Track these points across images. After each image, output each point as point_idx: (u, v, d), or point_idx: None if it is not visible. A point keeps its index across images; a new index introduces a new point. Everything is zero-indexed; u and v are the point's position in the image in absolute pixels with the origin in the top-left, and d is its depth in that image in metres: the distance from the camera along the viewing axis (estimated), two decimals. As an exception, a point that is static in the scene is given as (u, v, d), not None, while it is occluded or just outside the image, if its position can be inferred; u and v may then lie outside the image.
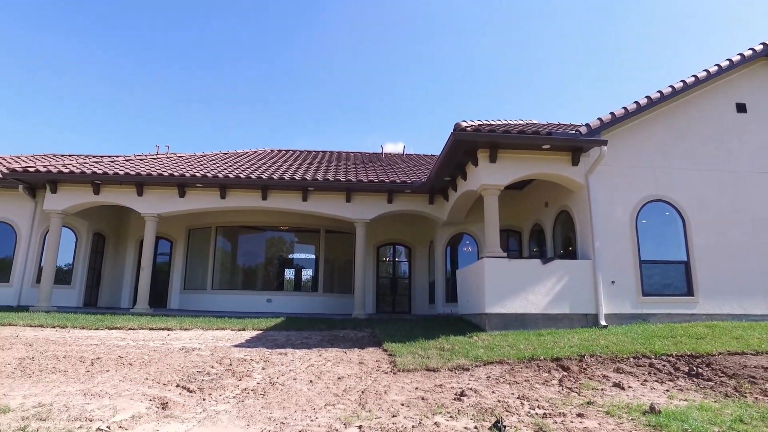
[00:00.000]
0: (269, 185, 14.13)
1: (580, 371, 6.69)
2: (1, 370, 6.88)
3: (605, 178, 10.60)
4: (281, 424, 4.67)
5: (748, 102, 11.53)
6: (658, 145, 11.07)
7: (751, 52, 11.30)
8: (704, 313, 10.16)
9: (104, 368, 7.09)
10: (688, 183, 10.87)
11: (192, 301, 16.81)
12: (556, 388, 6.00)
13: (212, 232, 17.30)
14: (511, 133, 9.83)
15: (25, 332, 9.88)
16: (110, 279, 17.57)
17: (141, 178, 13.95)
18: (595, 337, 8.57)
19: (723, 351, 7.58)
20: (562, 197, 11.74)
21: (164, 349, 8.65)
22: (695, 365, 6.98)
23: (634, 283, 10.23)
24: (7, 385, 6.11)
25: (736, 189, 10.95)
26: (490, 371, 6.75)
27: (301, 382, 6.33)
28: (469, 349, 7.93)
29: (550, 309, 9.78)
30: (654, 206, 10.74)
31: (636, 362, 7.17)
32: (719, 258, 10.53)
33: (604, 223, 10.39)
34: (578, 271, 10.11)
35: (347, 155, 20.46)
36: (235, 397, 5.73)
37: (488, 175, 10.39)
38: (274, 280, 17.90)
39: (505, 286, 9.76)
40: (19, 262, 14.63)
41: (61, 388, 6.01)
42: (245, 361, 7.62)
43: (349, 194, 14.43)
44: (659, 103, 10.94)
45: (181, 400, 5.60)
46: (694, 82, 11.01)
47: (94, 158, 18.43)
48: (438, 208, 14.77)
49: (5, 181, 14.32)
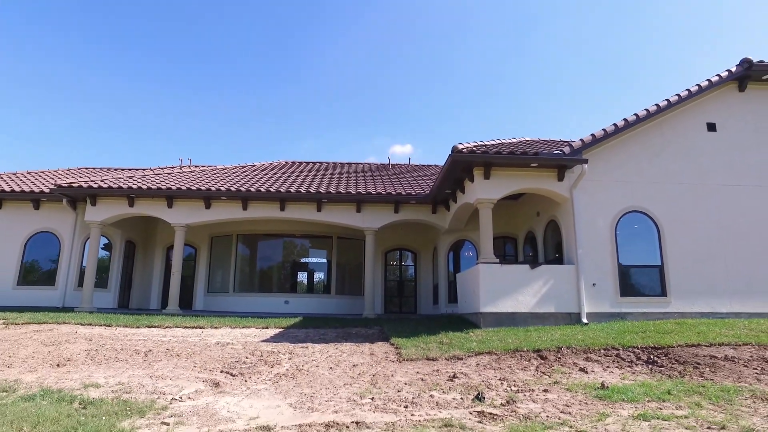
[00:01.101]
0: (287, 198, 15.47)
1: (555, 360, 7.93)
2: (76, 359, 8.23)
3: (587, 192, 11.81)
4: (311, 397, 5.96)
5: (718, 122, 12.70)
6: (635, 161, 12.27)
7: (718, 78, 12.47)
8: (676, 311, 11.33)
9: (157, 358, 8.42)
10: (663, 195, 12.05)
11: (215, 302, 18.16)
12: (532, 373, 7.25)
13: (233, 239, 18.66)
14: (503, 153, 11.08)
15: (80, 330, 11.23)
16: (140, 282, 18.96)
17: (171, 192, 15.32)
18: (575, 333, 9.77)
19: (681, 343, 8.76)
20: (551, 208, 12.96)
21: (202, 343, 9.95)
22: (654, 355, 8.19)
23: (613, 285, 11.43)
24: (86, 370, 7.45)
25: (706, 201, 12.12)
26: (479, 360, 8.00)
27: (323, 369, 7.62)
28: (464, 342, 9.19)
29: (538, 308, 11.01)
30: (631, 217, 11.93)
31: (605, 353, 8.38)
32: (690, 262, 11.70)
33: (587, 232, 11.60)
34: (563, 274, 11.33)
35: (356, 167, 21.78)
36: (270, 380, 7.03)
37: (483, 190, 11.64)
38: (291, 283, 19.23)
39: (498, 289, 10.99)
40: (62, 267, 16.05)
41: (129, 372, 7.34)
42: (273, 353, 8.92)
43: (360, 205, 15.74)
44: (636, 124, 12.14)
45: (227, 381, 6.90)
46: (666, 105, 12.20)
47: (127, 172, 19.86)
48: (440, 217, 16.05)
49: (51, 195, 15.76)
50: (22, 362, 7.96)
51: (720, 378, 6.86)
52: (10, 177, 18.39)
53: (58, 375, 7.10)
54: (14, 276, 15.90)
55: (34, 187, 16.42)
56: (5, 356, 8.27)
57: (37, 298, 15.65)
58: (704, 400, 5.61)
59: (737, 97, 12.90)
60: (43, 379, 6.83)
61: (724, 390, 6.03)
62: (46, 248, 16.39)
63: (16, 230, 16.22)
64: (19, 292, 15.73)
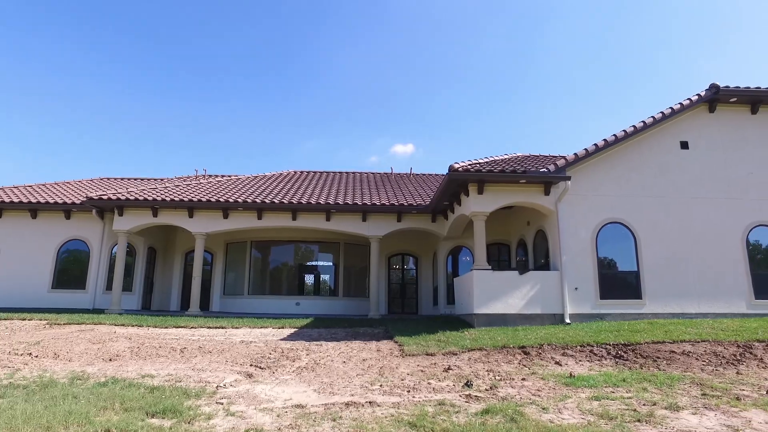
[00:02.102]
0: (298, 208, 16.73)
1: (536, 355, 9.15)
2: (123, 355, 9.48)
3: (571, 205, 13.02)
4: (330, 384, 7.19)
5: (690, 140, 13.90)
6: (615, 176, 13.48)
7: (689, 102, 13.68)
8: (650, 312, 12.54)
9: (192, 355, 9.66)
10: (640, 208, 13.26)
11: (230, 304, 19.41)
12: (515, 365, 8.47)
13: (248, 245, 19.92)
14: (494, 172, 12.31)
15: (117, 330, 12.49)
16: (161, 286, 20.22)
17: (192, 204, 16.58)
18: (557, 332, 10.98)
19: (648, 341, 9.95)
20: (539, 219, 14.17)
21: (228, 342, 11.19)
22: (623, 351, 9.40)
23: (594, 289, 12.64)
24: (135, 364, 8.70)
25: (679, 212, 13.32)
26: (471, 355, 9.22)
27: (337, 362, 8.85)
28: (459, 340, 10.41)
29: (526, 310, 12.23)
30: (611, 227, 13.14)
31: (580, 349, 9.60)
32: (663, 268, 12.91)
33: (570, 241, 12.82)
34: (548, 279, 12.55)
35: (361, 176, 23.02)
36: (293, 372, 8.26)
37: (477, 204, 12.87)
38: (301, 286, 20.48)
39: (490, 292, 12.22)
40: (92, 272, 17.34)
41: (173, 366, 8.57)
42: (292, 349, 10.15)
43: (365, 215, 16.99)
44: (615, 143, 13.35)
45: (258, 373, 8.14)
46: (643, 126, 13.41)
47: (147, 183, 21.14)
48: (439, 225, 17.29)
49: (82, 206, 17.04)
50: (79, 357, 9.21)
51: (672, 369, 8.08)
52: (41, 188, 19.68)
53: (113, 368, 8.34)
54: (49, 280, 17.19)
55: (66, 198, 17.72)
56: (64, 352, 9.53)
57: (70, 300, 16.94)
58: (651, 385, 6.82)
59: (708, 118, 14.10)
60: (103, 371, 8.06)
61: (670, 378, 7.24)
62: (76, 254, 17.68)
63: (50, 238, 17.51)
64: (53, 295, 17.02)
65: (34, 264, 17.22)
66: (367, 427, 4.83)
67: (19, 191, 18.75)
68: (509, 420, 5.03)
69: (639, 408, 5.55)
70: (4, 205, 17.09)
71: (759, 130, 14.00)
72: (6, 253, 17.20)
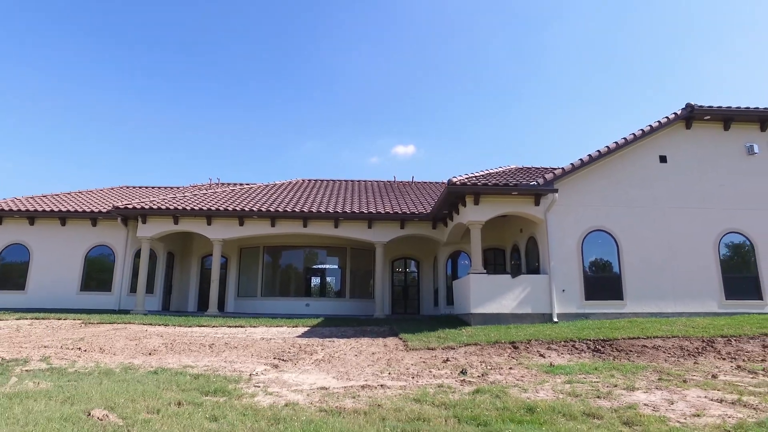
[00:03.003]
0: (309, 216, 17.93)
1: (524, 349, 10.33)
2: (159, 350, 10.66)
3: (559, 215, 14.19)
4: (346, 373, 8.37)
5: (668, 154, 15.06)
6: (599, 188, 14.65)
7: (666, 120, 14.86)
8: (631, 312, 13.69)
9: (221, 349, 10.84)
10: (622, 217, 14.42)
11: (244, 305, 20.59)
12: (505, 358, 9.65)
13: (260, 250, 21.10)
14: (489, 185, 13.49)
15: (148, 328, 13.67)
16: (178, 288, 21.41)
17: (211, 212, 17.78)
18: (545, 329, 12.15)
19: (625, 337, 11.12)
20: (531, 227, 15.35)
21: (250, 339, 12.37)
22: (601, 345, 10.57)
23: (579, 290, 13.80)
24: (172, 357, 9.87)
25: (657, 221, 14.48)
26: (467, 349, 10.40)
27: (350, 356, 10.03)
28: (457, 336, 11.58)
29: (517, 310, 13.39)
30: (595, 235, 14.31)
31: (563, 343, 10.76)
32: (643, 272, 14.06)
33: (558, 247, 13.99)
34: (538, 282, 13.72)
35: (365, 184, 24.22)
36: (313, 363, 9.44)
37: (473, 214, 14.05)
38: (310, 288, 21.67)
39: (485, 294, 13.39)
40: (117, 276, 18.55)
41: (207, 359, 9.75)
42: (309, 345, 11.33)
43: (371, 222, 18.18)
44: (599, 158, 14.51)
45: (282, 364, 9.31)
46: (624, 142, 14.59)
47: (165, 191, 22.36)
48: (439, 232, 18.48)
49: (108, 215, 18.25)
50: (121, 351, 10.40)
51: (641, 360, 9.25)
52: (66, 197, 20.91)
53: (155, 360, 9.51)
54: (78, 283, 18.40)
55: (92, 207, 18.93)
56: (107, 347, 10.71)
57: (97, 301, 18.14)
58: (618, 372, 7.99)
59: (685, 134, 15.28)
60: (147, 363, 9.24)
61: (636, 367, 8.42)
62: (102, 259, 18.88)
63: (78, 244, 18.72)
64: (81, 297, 18.22)
65: (64, 268, 18.42)
66: (381, 402, 6.00)
67: (48, 200, 19.96)
68: (494, 397, 6.21)
69: (602, 389, 6.73)
70: (37, 213, 18.30)
71: (730, 145, 15.16)
72: (38, 258, 18.42)
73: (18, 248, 18.48)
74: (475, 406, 5.59)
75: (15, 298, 17.80)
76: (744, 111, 14.94)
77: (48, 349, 10.45)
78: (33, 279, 18.22)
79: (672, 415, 5.21)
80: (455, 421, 4.90)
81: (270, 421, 4.80)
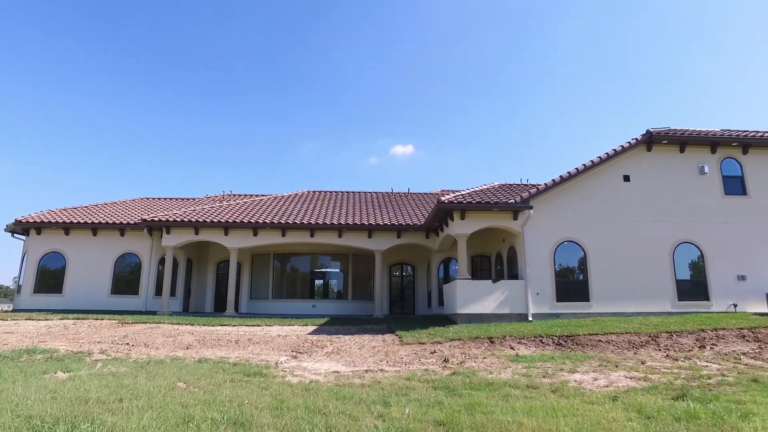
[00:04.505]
0: (316, 228, 19.85)
1: (499, 343, 12.24)
2: (193, 345, 12.53)
3: (534, 228, 16.12)
4: (352, 362, 10.27)
5: (631, 174, 16.99)
6: (570, 204, 16.58)
7: (628, 144, 16.81)
8: (596, 312, 15.60)
9: (246, 344, 12.73)
10: (589, 229, 16.34)
11: (256, 306, 22.48)
12: (482, 350, 11.56)
13: (271, 256, 23.02)
14: (473, 203, 15.43)
15: (179, 327, 15.56)
16: (196, 291, 23.30)
17: (228, 224, 19.69)
18: (519, 327, 14.05)
19: (585, 333, 13.03)
20: (511, 238, 17.28)
21: (267, 336, 14.27)
22: (564, 340, 12.48)
23: (551, 293, 15.72)
24: (207, 351, 11.74)
25: (620, 233, 16.39)
26: (452, 343, 12.30)
27: (354, 349, 11.93)
28: (444, 333, 13.48)
29: (498, 310, 15.31)
30: (566, 245, 16.23)
31: (533, 339, 12.67)
32: (608, 277, 15.98)
33: (533, 256, 15.91)
34: (516, 287, 15.64)
35: (366, 196, 26.17)
36: (324, 354, 11.33)
37: (459, 227, 15.98)
38: (316, 291, 23.61)
39: (470, 297, 15.30)
40: (143, 280, 20.44)
41: (236, 352, 11.63)
42: (319, 341, 13.23)
43: (371, 232, 20.11)
44: (570, 178, 16.43)
45: (299, 355, 11.20)
46: (591, 164, 16.52)
47: (184, 202, 24.27)
48: (432, 241, 20.42)
49: (135, 226, 20.15)
50: (162, 346, 12.28)
51: (592, 351, 11.17)
52: (95, 208, 22.79)
53: (194, 353, 11.39)
54: (108, 287, 20.29)
55: (119, 218, 20.82)
56: (150, 342, 12.60)
57: (125, 304, 20.02)
58: (569, 361, 9.90)
59: (646, 156, 17.22)
60: (188, 355, 11.12)
61: (585, 356, 10.34)
62: (130, 265, 20.78)
63: (108, 252, 20.61)
64: (112, 300, 20.10)
65: (96, 273, 20.31)
66: (380, 380, 7.91)
67: (80, 212, 21.84)
68: (465, 377, 8.12)
69: (550, 372, 8.65)
70: (72, 225, 20.19)
71: (685, 165, 17.10)
72: (73, 264, 20.30)
73: (55, 256, 20.36)
74: (449, 382, 7.51)
75: (54, 300, 19.69)
76: (696, 136, 16.90)
77: (101, 344, 12.33)
78: (69, 283, 20.10)
79: (588, 386, 7.13)
80: (432, 389, 6.81)
81: (303, 390, 6.72)
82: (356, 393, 6.54)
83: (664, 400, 5.81)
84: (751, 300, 15.73)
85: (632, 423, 4.51)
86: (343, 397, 6.03)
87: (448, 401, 5.77)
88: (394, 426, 4.40)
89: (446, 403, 5.62)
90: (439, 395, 6.35)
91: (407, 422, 4.53)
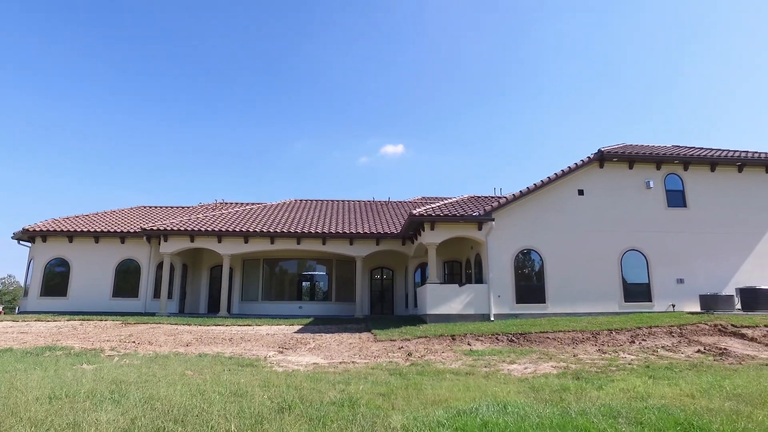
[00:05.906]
0: (302, 236, 21.45)
1: (459, 339, 13.93)
2: (192, 343, 14.07)
3: (496, 237, 17.85)
4: (330, 356, 11.88)
5: (585, 188, 18.80)
6: (529, 216, 18.33)
7: (582, 162, 18.62)
8: (552, 312, 17.36)
9: (239, 342, 14.28)
10: (547, 239, 18.11)
11: (247, 308, 24.01)
12: (443, 346, 13.24)
13: (260, 262, 24.56)
14: (441, 216, 17.14)
15: (178, 327, 17.08)
16: (191, 294, 24.76)
17: (221, 233, 21.21)
18: (481, 326, 15.74)
19: (537, 331, 14.73)
20: (477, 246, 19.00)
21: (258, 334, 15.83)
22: (516, 337, 14.19)
23: (511, 296, 17.46)
24: (205, 347, 13.29)
25: (574, 242, 18.18)
26: (419, 340, 13.96)
27: (333, 345, 13.54)
28: (414, 331, 15.13)
29: (463, 311, 17.01)
30: (525, 252, 17.98)
31: (489, 336, 14.36)
32: (562, 281, 17.75)
33: (495, 262, 17.64)
34: (479, 290, 17.35)
35: (349, 204, 27.82)
36: (307, 350, 12.93)
37: (430, 237, 17.67)
38: (302, 293, 25.19)
39: (439, 299, 16.98)
40: (142, 284, 21.89)
41: (230, 348, 13.19)
42: (303, 338, 14.82)
43: (352, 240, 21.75)
44: (529, 193, 18.19)
45: (285, 351, 12.78)
46: (548, 180, 18.29)
47: (180, 211, 25.74)
48: (408, 248, 22.11)
49: (135, 234, 21.61)
50: (164, 344, 13.81)
51: (538, 347, 12.89)
52: (95, 217, 24.17)
53: (194, 349, 12.94)
54: (110, 290, 21.71)
55: (119, 227, 22.26)
56: (153, 340, 14.12)
57: (126, 306, 21.45)
58: (514, 354, 11.59)
59: (599, 172, 19.03)
60: (190, 351, 12.67)
61: (529, 351, 12.04)
62: (130, 270, 22.22)
63: (109, 258, 22.02)
64: (113, 302, 21.53)
65: (98, 277, 21.71)
66: (352, 370, 9.55)
67: (82, 220, 23.22)
68: (421, 367, 9.78)
69: (492, 363, 10.34)
70: (76, 233, 21.59)
71: (634, 180, 18.94)
72: (77, 269, 21.70)
73: (60, 261, 21.75)
74: (404, 370, 9.17)
75: (59, 302, 21.08)
76: (642, 154, 18.76)
77: (110, 342, 13.83)
78: (73, 287, 21.49)
79: (515, 374, 8.82)
80: (388, 375, 8.47)
81: (286, 376, 8.34)
82: (327, 377, 8.18)
83: (560, 380, 7.51)
84: (687, 301, 17.59)
85: (519, 394, 6.19)
86: (317, 379, 7.66)
87: (395, 382, 7.42)
88: (348, 396, 6.03)
89: (393, 383, 7.27)
90: (390, 378, 8.00)
91: (359, 394, 6.18)
